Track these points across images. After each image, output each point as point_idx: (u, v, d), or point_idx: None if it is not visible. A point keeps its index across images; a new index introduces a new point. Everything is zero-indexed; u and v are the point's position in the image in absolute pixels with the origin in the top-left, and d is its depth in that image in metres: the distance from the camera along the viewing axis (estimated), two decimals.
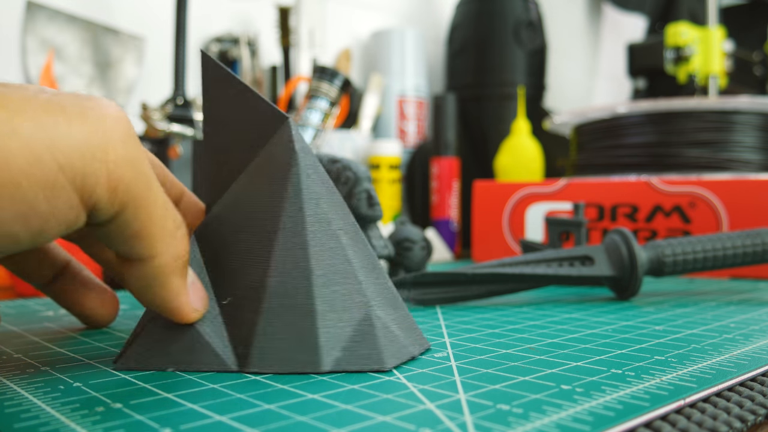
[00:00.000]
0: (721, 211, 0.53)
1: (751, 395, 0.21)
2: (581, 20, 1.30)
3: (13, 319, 0.34)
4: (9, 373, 0.22)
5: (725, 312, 0.35)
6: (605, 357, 0.24)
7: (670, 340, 0.27)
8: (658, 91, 0.94)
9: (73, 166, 0.17)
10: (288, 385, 0.21)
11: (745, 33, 1.12)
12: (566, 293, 0.43)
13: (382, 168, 0.82)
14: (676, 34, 0.89)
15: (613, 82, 1.33)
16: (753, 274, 0.52)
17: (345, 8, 0.96)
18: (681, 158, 0.63)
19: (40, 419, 0.17)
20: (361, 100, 0.86)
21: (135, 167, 0.19)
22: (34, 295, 0.45)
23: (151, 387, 0.20)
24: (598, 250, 0.40)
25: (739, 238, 0.40)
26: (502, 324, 0.31)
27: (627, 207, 0.57)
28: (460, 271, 0.37)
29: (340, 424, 0.17)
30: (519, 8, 0.92)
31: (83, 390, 0.20)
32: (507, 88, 0.90)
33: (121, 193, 0.19)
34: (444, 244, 0.77)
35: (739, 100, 0.63)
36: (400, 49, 0.93)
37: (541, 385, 0.20)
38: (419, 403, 0.19)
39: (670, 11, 1.01)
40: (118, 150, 0.19)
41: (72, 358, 0.25)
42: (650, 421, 0.18)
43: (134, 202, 0.19)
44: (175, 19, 0.66)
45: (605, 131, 0.69)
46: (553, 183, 0.62)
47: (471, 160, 0.92)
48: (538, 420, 0.17)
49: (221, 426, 0.17)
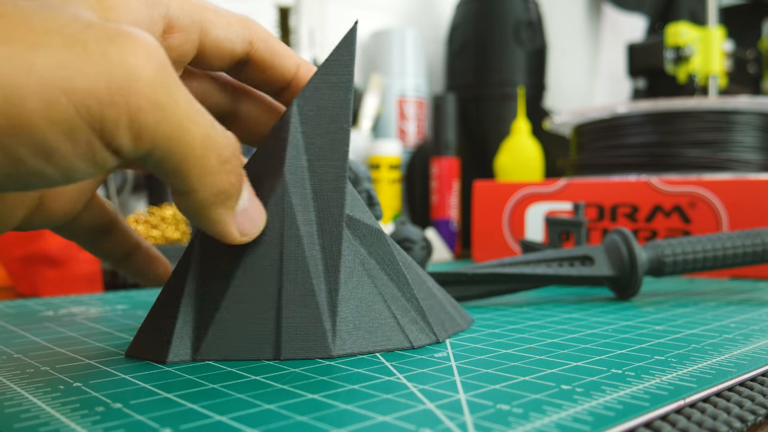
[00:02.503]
0: (721, 211, 0.53)
1: (751, 395, 0.21)
2: (581, 20, 1.30)
3: (13, 319, 0.34)
4: (9, 373, 0.22)
5: (725, 312, 0.35)
6: (605, 357, 0.24)
7: (670, 340, 0.27)
8: (658, 91, 0.94)
9: (89, 110, 0.16)
10: (288, 385, 0.21)
11: (745, 33, 1.12)
12: (566, 293, 0.43)
13: (382, 168, 0.82)
14: (676, 34, 0.89)
15: (613, 82, 1.33)
16: (753, 274, 0.52)
17: (345, 8, 0.96)
18: (681, 158, 0.63)
19: (40, 419, 0.17)
20: (361, 100, 0.86)
21: (163, 110, 0.18)
22: (35, 295, 0.45)
23: (151, 387, 0.20)
24: (598, 250, 0.40)
25: (739, 238, 0.40)
26: (502, 324, 0.31)
27: (627, 207, 0.57)
28: (460, 271, 0.37)
29: (340, 424, 0.17)
30: (519, 8, 0.92)
31: (83, 390, 0.20)
32: (507, 88, 0.90)
33: (147, 139, 0.18)
34: (444, 244, 0.77)
35: (739, 100, 0.63)
36: (400, 49, 0.93)
37: (541, 385, 0.20)
38: (419, 403, 0.19)
39: (670, 11, 1.01)
40: (143, 93, 0.17)
41: (72, 358, 0.25)
42: (650, 421, 0.18)
43: (163, 146, 0.18)
44: None
45: (605, 131, 0.69)
46: (553, 183, 0.62)
47: (471, 160, 0.92)
48: (538, 420, 0.17)
49: (221, 426, 0.17)
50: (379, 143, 0.82)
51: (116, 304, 0.39)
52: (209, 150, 0.20)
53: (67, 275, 0.46)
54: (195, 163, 0.19)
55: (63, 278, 0.46)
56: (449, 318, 0.29)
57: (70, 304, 0.39)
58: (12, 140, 0.16)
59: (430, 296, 0.28)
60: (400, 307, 0.26)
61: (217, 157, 0.20)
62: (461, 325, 0.30)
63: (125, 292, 0.45)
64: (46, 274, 0.45)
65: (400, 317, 0.26)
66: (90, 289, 0.47)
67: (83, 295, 0.43)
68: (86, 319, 0.33)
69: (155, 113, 0.18)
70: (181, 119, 0.18)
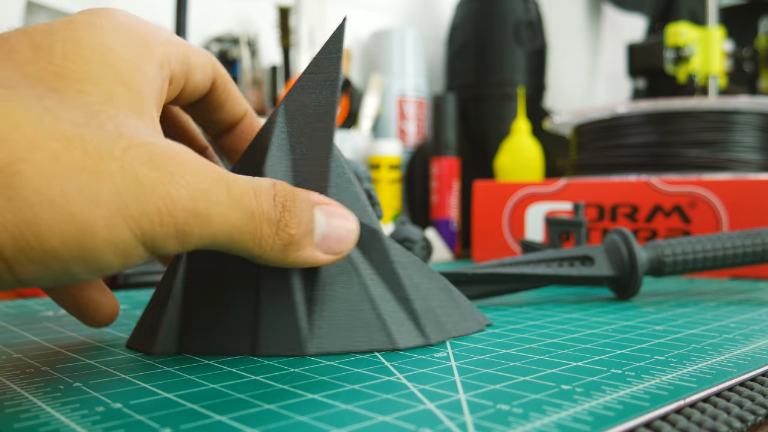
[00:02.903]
0: (721, 211, 0.53)
1: (751, 395, 0.21)
2: (581, 20, 1.30)
3: (13, 319, 0.34)
4: (9, 373, 0.22)
5: (725, 312, 0.35)
6: (605, 357, 0.24)
7: (670, 340, 0.27)
8: (658, 91, 0.94)
9: (144, 231, 0.18)
10: (288, 385, 0.21)
11: (745, 33, 1.12)
12: (566, 293, 0.43)
13: (382, 168, 0.82)
14: (676, 34, 0.89)
15: (613, 82, 1.33)
16: (753, 274, 0.52)
17: (345, 8, 0.96)
18: (681, 158, 0.63)
19: (40, 419, 0.17)
20: (361, 100, 0.86)
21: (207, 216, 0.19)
22: (35, 295, 0.45)
23: (151, 387, 0.20)
24: (598, 250, 0.40)
25: (739, 238, 0.40)
26: (502, 324, 0.31)
27: (627, 207, 0.57)
28: (459, 271, 0.37)
29: (340, 424, 0.17)
30: (519, 8, 0.92)
31: (83, 390, 0.20)
32: (507, 88, 0.90)
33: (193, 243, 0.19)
34: (444, 244, 0.77)
35: (739, 100, 0.63)
36: (400, 49, 0.93)
37: (541, 385, 0.20)
38: (419, 403, 0.19)
39: (670, 11, 1.01)
40: (187, 208, 0.19)
41: (72, 358, 0.25)
42: (650, 421, 0.18)
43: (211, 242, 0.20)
44: (175, 19, 0.66)
45: (605, 131, 0.69)
46: (553, 183, 0.62)
47: (471, 160, 0.92)
48: (538, 420, 0.17)
49: (221, 426, 0.17)
50: (379, 143, 0.82)
51: None
52: (257, 223, 0.21)
53: None
54: (248, 239, 0.21)
55: None
56: (453, 320, 0.28)
57: None
58: (76, 263, 0.17)
59: (431, 297, 0.27)
60: (389, 307, 0.26)
61: (267, 224, 0.21)
62: (469, 328, 0.29)
63: (125, 292, 0.45)
64: None
65: (388, 318, 0.25)
66: None
67: None
68: None
69: (199, 222, 0.19)
70: (224, 214, 0.20)
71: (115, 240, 0.17)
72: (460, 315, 0.29)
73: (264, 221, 0.21)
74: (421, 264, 0.28)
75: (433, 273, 0.29)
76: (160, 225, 0.18)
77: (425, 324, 0.26)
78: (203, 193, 0.19)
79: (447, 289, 0.29)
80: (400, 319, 0.26)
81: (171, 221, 0.18)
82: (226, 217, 0.20)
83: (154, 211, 0.18)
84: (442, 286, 0.29)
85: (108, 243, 0.17)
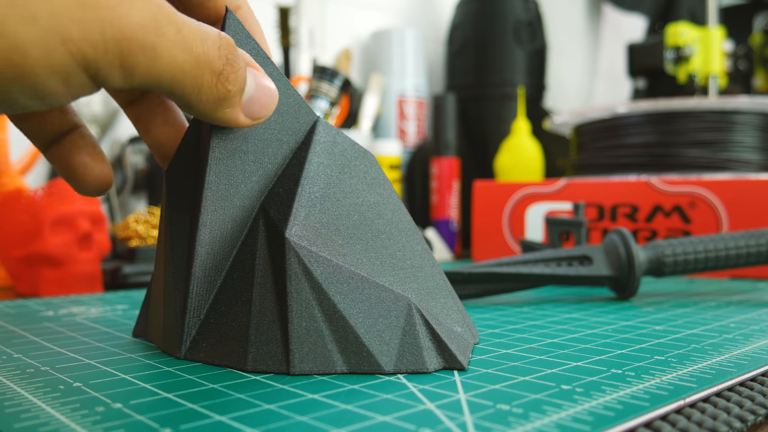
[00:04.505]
0: (721, 211, 0.53)
1: (751, 395, 0.21)
2: (581, 20, 1.30)
3: (13, 319, 0.34)
4: (9, 373, 0.22)
5: (725, 312, 0.35)
6: (605, 357, 0.24)
7: (670, 340, 0.27)
8: (658, 91, 0.94)
9: (85, 57, 0.17)
10: (288, 385, 0.21)
11: (745, 33, 1.12)
12: (566, 293, 0.43)
13: (382, 168, 0.82)
14: (676, 34, 0.89)
15: (613, 82, 1.33)
16: (753, 274, 0.52)
17: (345, 8, 0.96)
18: (681, 158, 0.63)
19: (40, 419, 0.17)
20: (361, 100, 0.86)
21: (154, 50, 0.18)
22: (34, 295, 0.45)
23: (151, 387, 0.20)
24: (596, 250, 0.40)
25: (740, 239, 0.40)
26: (502, 324, 0.31)
27: (627, 207, 0.57)
28: (457, 270, 0.37)
29: (340, 424, 0.17)
30: (519, 8, 0.92)
31: (83, 390, 0.20)
32: (507, 88, 0.90)
33: (139, 77, 0.19)
34: (444, 244, 0.77)
35: (739, 100, 0.63)
36: (400, 49, 0.93)
37: (541, 385, 0.20)
38: (419, 403, 0.19)
39: (670, 11, 1.01)
40: (134, 38, 0.18)
41: (72, 358, 0.25)
42: (650, 421, 0.18)
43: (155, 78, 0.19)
44: None
45: (605, 131, 0.69)
46: (553, 183, 0.62)
47: (471, 160, 0.92)
48: (538, 420, 0.17)
49: (221, 426, 0.17)
50: (379, 143, 0.82)
51: (116, 304, 0.39)
52: (201, 69, 0.20)
53: (67, 275, 0.46)
54: (189, 83, 0.20)
55: (63, 278, 0.46)
56: None
57: (70, 304, 0.39)
58: (12, 85, 0.17)
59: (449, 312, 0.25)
60: (380, 328, 0.23)
61: (210, 72, 0.21)
62: None
63: (125, 292, 0.45)
64: (46, 274, 0.45)
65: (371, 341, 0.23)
66: (90, 289, 0.47)
67: (83, 295, 0.43)
68: (86, 319, 0.33)
69: (146, 54, 0.18)
70: (172, 53, 0.19)
71: (53, 63, 0.17)
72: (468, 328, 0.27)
73: (207, 69, 0.20)
74: (423, 272, 0.26)
75: (435, 280, 0.26)
76: (104, 52, 0.17)
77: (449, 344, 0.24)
78: (154, 25, 0.18)
79: (449, 301, 0.26)
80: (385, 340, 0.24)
81: (116, 50, 0.18)
82: (174, 57, 0.19)
83: (98, 36, 0.17)
84: (450, 296, 0.27)
85: (45, 66, 0.17)
